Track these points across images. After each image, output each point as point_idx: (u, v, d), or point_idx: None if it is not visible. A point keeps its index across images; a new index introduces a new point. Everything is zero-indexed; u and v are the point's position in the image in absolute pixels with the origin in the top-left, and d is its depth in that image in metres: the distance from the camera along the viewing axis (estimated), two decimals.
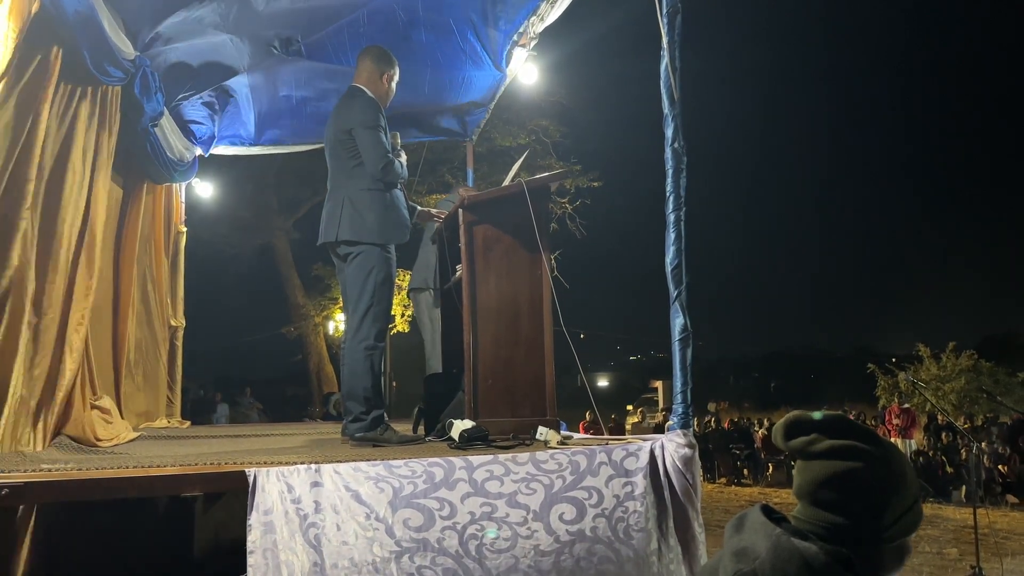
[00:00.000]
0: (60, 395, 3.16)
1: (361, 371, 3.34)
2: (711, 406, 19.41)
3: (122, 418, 4.20)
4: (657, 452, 2.57)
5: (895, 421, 14.37)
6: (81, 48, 3.12)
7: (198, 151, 5.76)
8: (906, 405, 15.00)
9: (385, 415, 3.42)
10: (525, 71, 5.33)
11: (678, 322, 2.70)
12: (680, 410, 2.66)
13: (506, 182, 3.78)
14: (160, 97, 4.30)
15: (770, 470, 15.18)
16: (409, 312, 13.24)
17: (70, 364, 3.37)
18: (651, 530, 2.46)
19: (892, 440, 13.97)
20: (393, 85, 3.69)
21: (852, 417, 1.05)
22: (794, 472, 1.04)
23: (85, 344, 3.51)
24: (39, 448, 2.89)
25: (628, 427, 18.51)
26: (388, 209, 3.45)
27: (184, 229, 6.03)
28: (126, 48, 3.63)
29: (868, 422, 16.39)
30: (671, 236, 2.74)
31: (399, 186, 3.57)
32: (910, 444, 13.76)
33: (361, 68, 3.64)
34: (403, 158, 3.59)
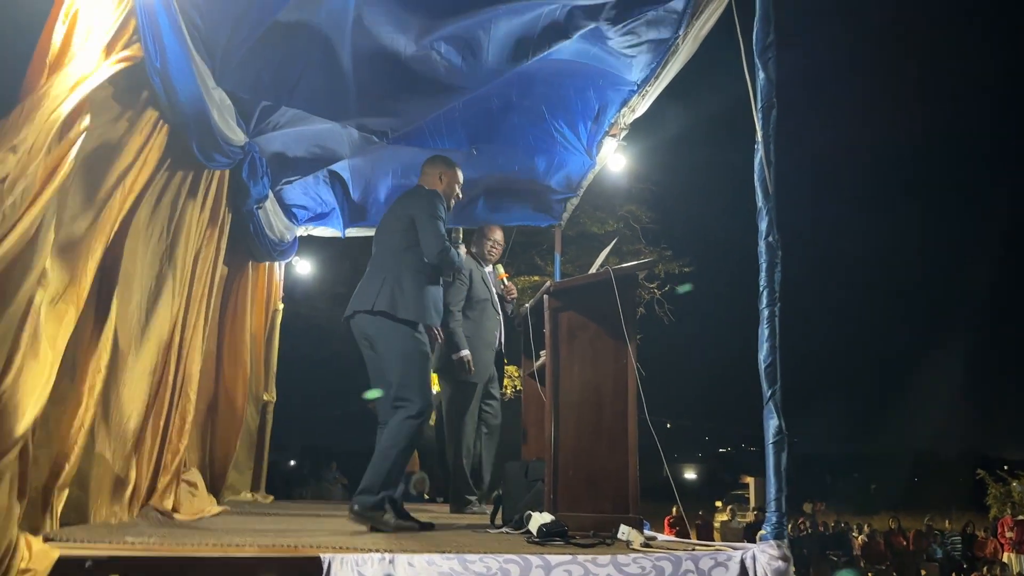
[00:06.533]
0: (153, 469, 3.24)
1: (388, 445, 3.32)
2: (807, 507, 18.16)
3: (208, 492, 4.27)
4: (748, 563, 2.40)
5: (1008, 534, 13.19)
6: (189, 138, 3.30)
7: (299, 231, 6.00)
8: (1020, 517, 13.75)
9: (396, 493, 3.39)
10: (614, 159, 5.37)
11: (772, 423, 2.55)
12: (774, 519, 2.49)
13: (593, 269, 3.77)
14: (266, 181, 4.49)
15: None
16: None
17: (170, 441, 3.46)
18: None
19: (1005, 555, 12.79)
20: (456, 186, 3.80)
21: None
22: None
23: (185, 422, 3.60)
24: (125, 519, 2.95)
25: (716, 525, 17.61)
26: (426, 293, 3.51)
27: (281, 306, 6.22)
28: (235, 136, 3.82)
29: (978, 533, 15.06)
30: (764, 332, 2.63)
31: (440, 282, 3.63)
32: None
33: (424, 172, 3.79)
34: (461, 250, 3.66)
